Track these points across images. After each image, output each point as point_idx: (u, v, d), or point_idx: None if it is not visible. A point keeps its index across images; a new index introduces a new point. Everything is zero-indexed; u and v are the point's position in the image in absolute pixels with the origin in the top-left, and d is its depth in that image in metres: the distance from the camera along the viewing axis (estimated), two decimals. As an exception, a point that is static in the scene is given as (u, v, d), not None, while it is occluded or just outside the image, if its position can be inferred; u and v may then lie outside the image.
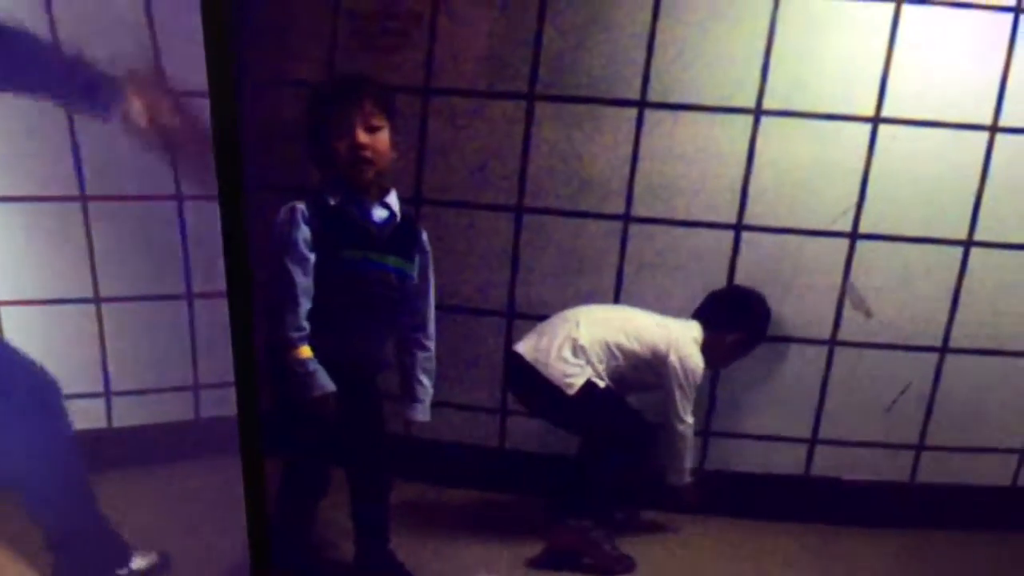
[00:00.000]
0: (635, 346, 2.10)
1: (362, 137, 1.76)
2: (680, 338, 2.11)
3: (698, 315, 2.20)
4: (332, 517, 2.02)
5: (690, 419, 2.11)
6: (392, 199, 1.85)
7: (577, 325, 2.10)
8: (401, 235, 1.85)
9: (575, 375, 2.06)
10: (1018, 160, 2.10)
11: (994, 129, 2.09)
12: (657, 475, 2.17)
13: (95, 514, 1.86)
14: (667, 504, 2.24)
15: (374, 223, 1.81)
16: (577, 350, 2.07)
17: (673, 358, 2.08)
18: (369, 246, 1.80)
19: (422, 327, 1.92)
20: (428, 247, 1.92)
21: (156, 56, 2.30)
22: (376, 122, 1.77)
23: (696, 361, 2.10)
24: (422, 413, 1.94)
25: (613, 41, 2.11)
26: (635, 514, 2.30)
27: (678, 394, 2.08)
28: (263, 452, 1.74)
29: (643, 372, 2.12)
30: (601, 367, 2.08)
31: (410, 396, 1.93)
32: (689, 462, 2.16)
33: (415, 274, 1.89)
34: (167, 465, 2.45)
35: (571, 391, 2.05)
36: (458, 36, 2.14)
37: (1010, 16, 2.02)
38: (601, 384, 2.08)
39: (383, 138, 1.79)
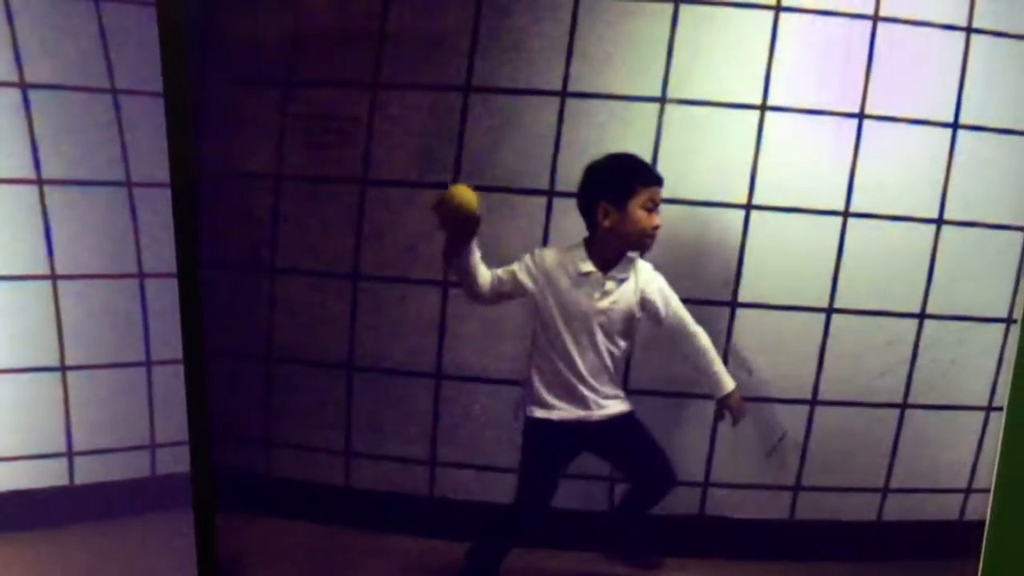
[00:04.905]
0: None
1: None
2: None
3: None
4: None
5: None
6: None
7: None
8: None
9: None
10: (866, 240, 2.37)
11: (846, 214, 2.36)
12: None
13: None
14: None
15: None
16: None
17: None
18: None
19: None
20: None
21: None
22: None
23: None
24: None
25: (524, 139, 2.34)
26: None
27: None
28: (215, 507, 1.90)
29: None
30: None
31: None
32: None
33: None
34: (125, 519, 2.59)
35: None
36: (392, 135, 2.35)
37: (855, 121, 2.32)
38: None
39: None
